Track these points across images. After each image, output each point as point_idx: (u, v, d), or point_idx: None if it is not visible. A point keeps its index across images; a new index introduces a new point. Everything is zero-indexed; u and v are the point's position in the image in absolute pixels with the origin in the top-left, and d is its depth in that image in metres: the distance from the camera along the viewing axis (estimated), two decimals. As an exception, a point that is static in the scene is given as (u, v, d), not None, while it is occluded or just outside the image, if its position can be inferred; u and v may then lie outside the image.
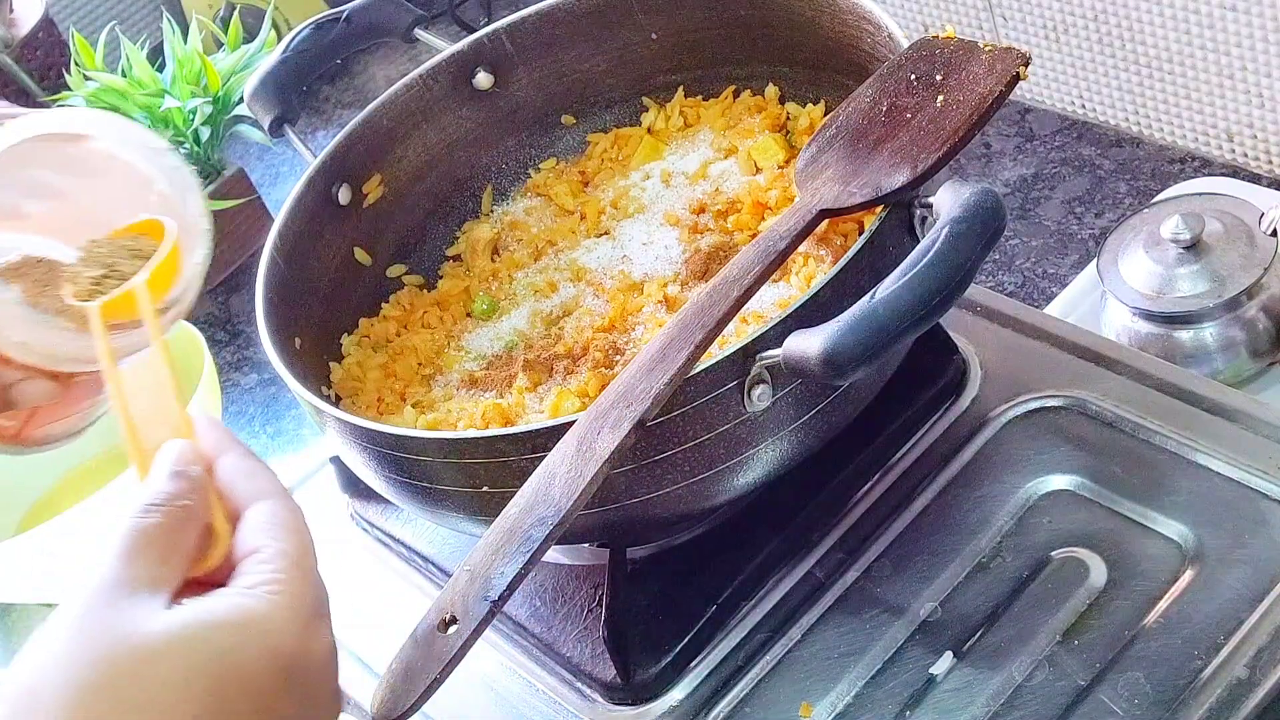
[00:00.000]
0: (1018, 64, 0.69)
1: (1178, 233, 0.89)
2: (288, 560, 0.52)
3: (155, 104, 1.38)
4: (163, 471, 0.55)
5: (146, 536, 0.52)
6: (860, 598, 0.74)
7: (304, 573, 0.53)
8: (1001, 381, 0.82)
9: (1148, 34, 1.08)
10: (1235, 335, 0.89)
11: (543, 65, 0.96)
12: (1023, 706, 0.67)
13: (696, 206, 0.86)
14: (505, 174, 0.98)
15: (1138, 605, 0.69)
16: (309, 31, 0.97)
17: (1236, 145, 1.08)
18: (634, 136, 0.95)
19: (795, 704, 0.71)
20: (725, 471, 0.69)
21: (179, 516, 0.53)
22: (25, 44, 1.56)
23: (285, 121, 0.95)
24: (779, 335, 0.63)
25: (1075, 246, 1.08)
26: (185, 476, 0.55)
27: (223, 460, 0.57)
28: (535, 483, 0.61)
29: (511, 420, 0.77)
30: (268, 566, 0.52)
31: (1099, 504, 0.74)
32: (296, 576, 0.52)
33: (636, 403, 0.62)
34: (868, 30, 0.80)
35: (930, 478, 0.79)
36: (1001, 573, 0.73)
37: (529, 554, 0.58)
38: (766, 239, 0.69)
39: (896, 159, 0.70)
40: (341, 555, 0.91)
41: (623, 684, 0.74)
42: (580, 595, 0.79)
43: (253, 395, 1.33)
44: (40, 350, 0.60)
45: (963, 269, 0.59)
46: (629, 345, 0.79)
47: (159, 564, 0.52)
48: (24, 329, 0.59)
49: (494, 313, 0.87)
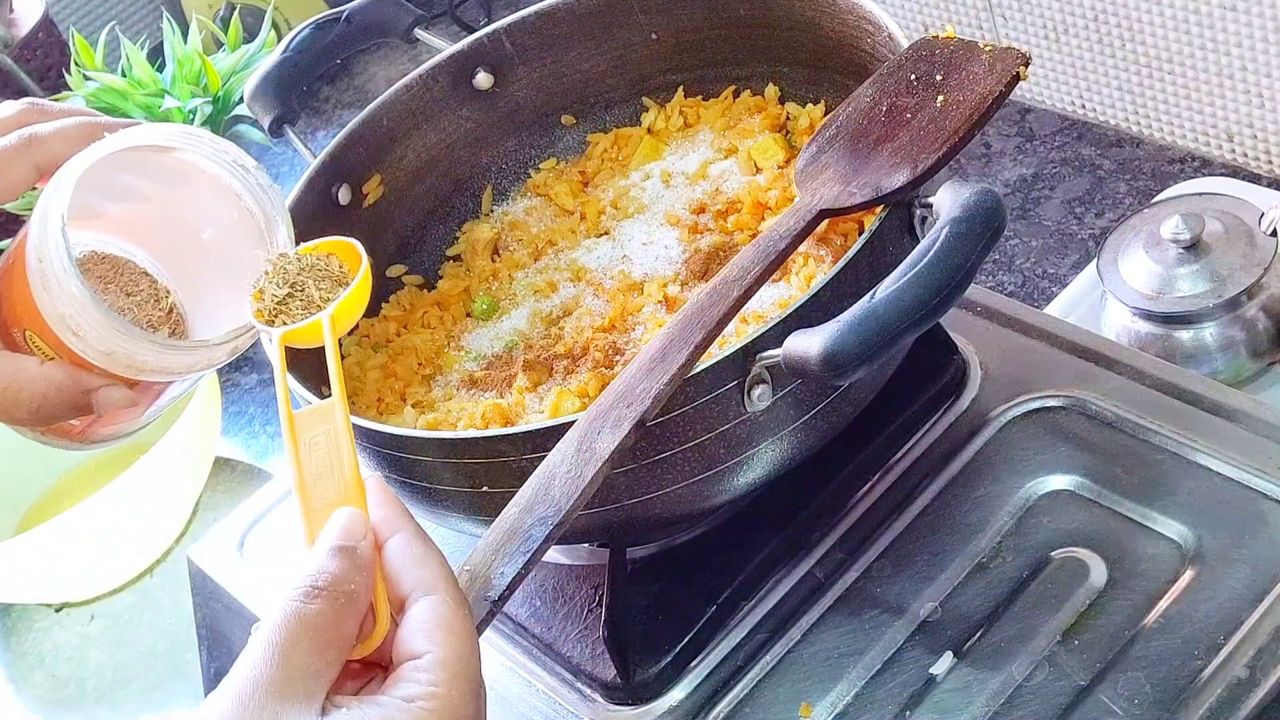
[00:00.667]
0: (1018, 64, 0.69)
1: (1178, 233, 0.89)
2: (447, 672, 0.51)
3: (155, 104, 1.38)
4: (329, 544, 0.53)
5: (306, 625, 0.50)
6: (860, 598, 0.74)
7: (462, 686, 0.51)
8: (1001, 381, 0.82)
9: (1148, 34, 1.08)
10: (1235, 335, 0.89)
11: (543, 65, 0.96)
12: (1023, 706, 0.67)
13: (696, 206, 0.86)
14: (505, 174, 0.98)
15: (1138, 605, 0.69)
16: (309, 31, 0.97)
17: (1236, 145, 1.08)
18: (634, 136, 0.95)
19: (795, 704, 0.71)
20: (725, 471, 0.69)
21: (341, 604, 0.51)
22: (25, 44, 1.56)
23: (285, 121, 0.95)
24: (779, 335, 0.63)
25: (1075, 246, 1.08)
26: (352, 556, 0.53)
27: (393, 542, 0.55)
28: (535, 483, 0.61)
29: (511, 420, 0.77)
30: (426, 676, 0.50)
31: (1099, 504, 0.74)
32: (454, 690, 0.51)
33: (636, 403, 0.62)
34: (868, 30, 0.80)
35: (930, 478, 0.79)
36: (1001, 573, 0.73)
37: (529, 554, 0.58)
38: (766, 239, 0.69)
39: (896, 159, 0.70)
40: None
41: (623, 684, 0.74)
42: (580, 595, 0.79)
43: (253, 395, 1.33)
44: (124, 360, 0.60)
45: (963, 269, 0.59)
46: (629, 345, 0.79)
47: (316, 656, 0.50)
48: (109, 338, 0.59)
49: (494, 313, 0.87)
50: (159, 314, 0.64)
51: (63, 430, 0.65)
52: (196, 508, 1.22)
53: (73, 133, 0.62)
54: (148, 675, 1.11)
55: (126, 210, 0.65)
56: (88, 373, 0.61)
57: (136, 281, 0.64)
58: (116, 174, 0.64)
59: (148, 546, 1.19)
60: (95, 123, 0.63)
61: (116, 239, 0.65)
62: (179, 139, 0.62)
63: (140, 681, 1.11)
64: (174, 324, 0.65)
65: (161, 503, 1.16)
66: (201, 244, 0.66)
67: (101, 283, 0.63)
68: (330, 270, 0.65)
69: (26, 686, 1.15)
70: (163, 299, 0.65)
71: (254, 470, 1.26)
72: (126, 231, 0.65)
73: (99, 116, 0.64)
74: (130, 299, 0.64)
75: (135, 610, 1.17)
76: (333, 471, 0.57)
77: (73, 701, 1.12)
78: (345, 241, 0.66)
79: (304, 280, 0.64)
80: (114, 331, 0.59)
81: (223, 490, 1.24)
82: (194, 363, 0.62)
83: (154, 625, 1.15)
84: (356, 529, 0.54)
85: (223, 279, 0.66)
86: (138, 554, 1.18)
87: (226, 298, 0.65)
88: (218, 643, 0.96)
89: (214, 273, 0.66)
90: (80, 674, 1.14)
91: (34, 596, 1.20)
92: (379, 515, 0.56)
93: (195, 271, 0.66)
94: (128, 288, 0.64)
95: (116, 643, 1.15)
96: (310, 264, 0.65)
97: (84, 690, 1.13)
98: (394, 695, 0.50)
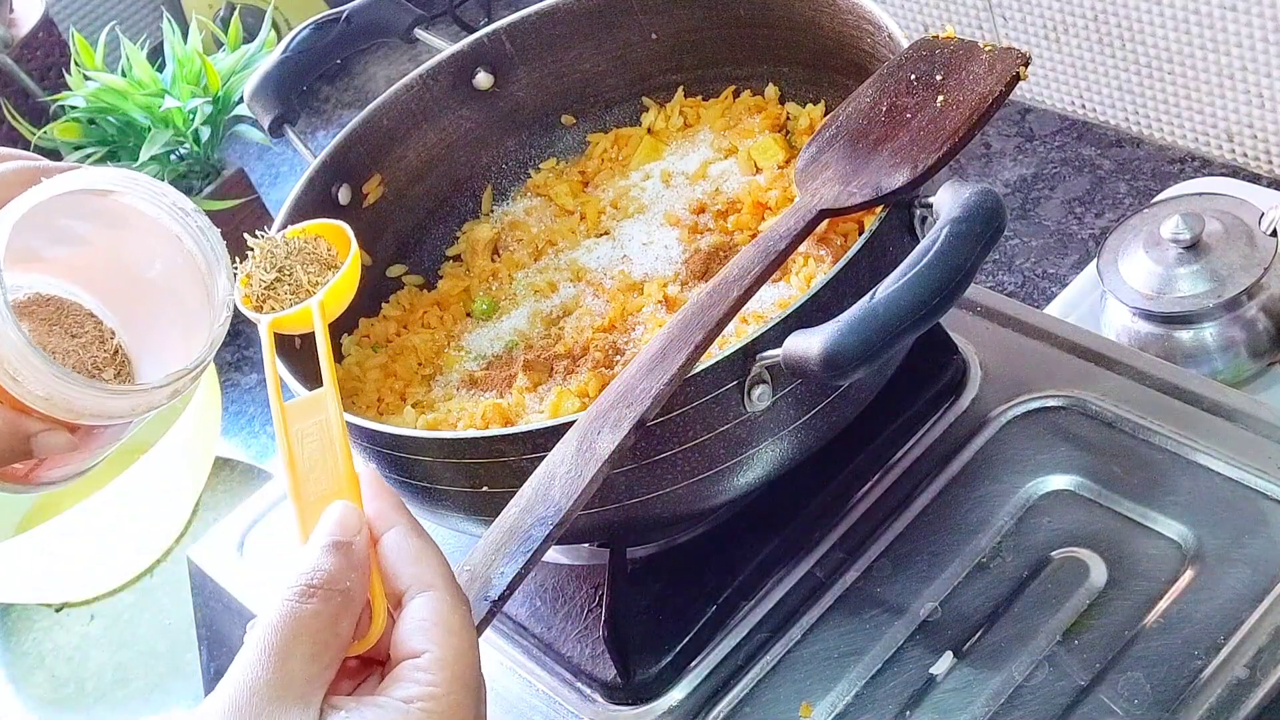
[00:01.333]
0: (1018, 64, 0.69)
1: (1178, 233, 0.89)
2: (447, 673, 0.50)
3: (155, 104, 1.38)
4: (323, 540, 0.52)
5: (302, 626, 0.49)
6: (860, 598, 0.74)
7: (462, 686, 0.50)
8: (1001, 381, 0.82)
9: (1148, 34, 1.08)
10: (1235, 335, 0.89)
11: (543, 65, 0.96)
12: (1023, 706, 0.67)
13: (696, 206, 0.86)
14: (505, 174, 0.98)
15: (1138, 605, 0.69)
16: (309, 31, 0.97)
17: (1236, 145, 1.08)
18: (634, 136, 0.95)
19: (795, 704, 0.71)
20: (725, 471, 0.69)
21: (337, 603, 0.51)
22: (25, 44, 1.56)
23: (285, 121, 0.95)
24: (779, 335, 0.63)
25: (1075, 246, 1.08)
26: (347, 552, 0.52)
27: (389, 536, 0.54)
28: (535, 483, 0.61)
29: (511, 420, 0.77)
30: (425, 676, 0.50)
31: (1099, 504, 0.74)
32: (454, 691, 0.50)
33: (636, 403, 0.62)
34: (868, 30, 0.80)
35: (930, 478, 0.79)
36: (1001, 573, 0.73)
37: (529, 554, 0.58)
38: (766, 239, 0.69)
39: (896, 159, 0.70)
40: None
41: (623, 684, 0.74)
42: (580, 595, 0.79)
43: (253, 395, 1.33)
44: (63, 405, 0.60)
45: (963, 269, 0.59)
46: (629, 345, 0.79)
47: (312, 660, 0.49)
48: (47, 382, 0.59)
49: (494, 313, 0.87)
50: (104, 355, 0.64)
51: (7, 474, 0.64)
52: (196, 508, 1.22)
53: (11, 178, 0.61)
54: (148, 675, 1.11)
55: (70, 253, 0.64)
56: (27, 417, 0.60)
57: (81, 323, 0.64)
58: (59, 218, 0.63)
59: (148, 546, 1.19)
60: (34, 167, 0.62)
61: (61, 281, 0.64)
62: (117, 183, 0.62)
63: (140, 681, 1.11)
64: (119, 365, 0.64)
65: (161, 503, 1.16)
66: (145, 285, 0.65)
67: (46, 324, 0.62)
68: (318, 253, 0.64)
69: (26, 686, 1.15)
70: (108, 340, 0.64)
71: (254, 470, 1.26)
72: (71, 274, 0.64)
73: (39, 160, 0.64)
74: (75, 340, 0.63)
75: (135, 610, 1.17)
76: (326, 464, 0.55)
77: (73, 701, 1.12)
78: (333, 224, 0.65)
79: (292, 264, 0.63)
80: (51, 376, 0.58)
81: (223, 490, 1.24)
82: (134, 406, 0.61)
83: (154, 625, 1.15)
84: (351, 523, 0.53)
85: (168, 319, 0.65)
86: (138, 554, 1.18)
87: (172, 338, 0.64)
88: (218, 643, 0.96)
89: (158, 314, 0.65)
90: (80, 674, 1.14)
91: (34, 596, 1.20)
92: (374, 509, 0.55)
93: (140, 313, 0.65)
94: (72, 329, 0.63)
95: (116, 643, 1.15)
96: (298, 247, 0.64)
97: (84, 690, 1.13)
98: (392, 696, 0.49)
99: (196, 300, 0.63)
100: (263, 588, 0.91)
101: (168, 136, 1.37)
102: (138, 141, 1.38)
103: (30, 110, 1.54)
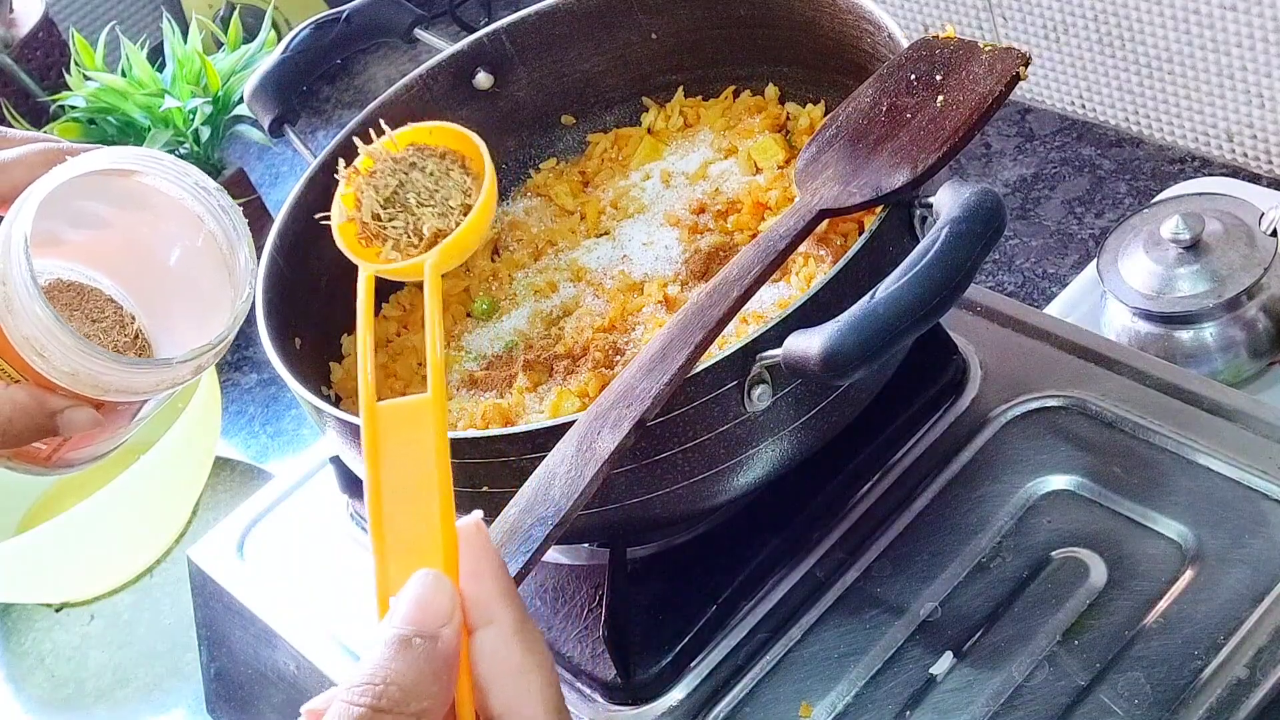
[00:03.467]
0: (1018, 64, 0.69)
1: (1178, 233, 0.89)
2: None
3: (155, 104, 1.38)
4: (398, 630, 0.41)
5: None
6: (860, 598, 0.74)
7: None
8: (1001, 381, 0.82)
9: (1148, 34, 1.08)
10: (1235, 335, 0.89)
11: (543, 65, 0.96)
12: (1023, 706, 0.67)
13: (696, 207, 0.86)
14: (505, 174, 0.98)
15: (1138, 605, 0.69)
16: (309, 31, 0.97)
17: (1236, 145, 1.08)
18: (634, 136, 0.95)
19: (795, 704, 0.71)
20: (725, 471, 0.69)
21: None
22: (25, 44, 1.56)
23: (285, 121, 0.95)
24: (779, 335, 0.63)
25: (1075, 246, 1.08)
26: (429, 655, 0.40)
27: (486, 634, 0.42)
28: (535, 483, 0.61)
29: (511, 420, 0.77)
30: None
31: (1099, 504, 0.74)
32: None
33: (636, 403, 0.62)
34: (868, 30, 0.80)
35: (930, 478, 0.79)
36: (1001, 573, 0.73)
37: (529, 554, 0.58)
38: (766, 239, 0.69)
39: (896, 159, 0.70)
40: (341, 555, 0.91)
41: (623, 684, 0.74)
42: (580, 595, 0.79)
43: (253, 395, 1.33)
44: (88, 380, 0.60)
45: (963, 269, 0.59)
46: (629, 345, 0.79)
47: None
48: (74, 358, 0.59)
49: (494, 313, 0.87)
50: (124, 339, 0.64)
51: (30, 455, 0.65)
52: (196, 508, 1.22)
53: (34, 159, 0.61)
54: (148, 675, 1.11)
55: (90, 237, 0.65)
56: (52, 394, 0.60)
57: (102, 308, 0.64)
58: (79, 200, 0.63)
59: (148, 546, 1.19)
60: (56, 148, 0.62)
61: (81, 266, 0.64)
62: (139, 162, 0.62)
63: (140, 681, 1.11)
64: (140, 349, 0.65)
65: (161, 503, 1.16)
66: (165, 267, 0.66)
67: (67, 310, 0.63)
68: (451, 177, 0.49)
69: (26, 686, 1.15)
70: (128, 325, 0.64)
71: (254, 470, 1.26)
72: (90, 258, 0.65)
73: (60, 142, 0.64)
74: (96, 325, 0.63)
75: (135, 610, 1.17)
76: (417, 501, 0.43)
77: (73, 701, 1.12)
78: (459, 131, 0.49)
79: (412, 187, 0.49)
80: (78, 352, 0.59)
81: (223, 490, 1.24)
82: (158, 381, 0.62)
83: (154, 625, 1.15)
84: (439, 609, 0.41)
85: (186, 302, 0.65)
86: (138, 554, 1.18)
87: (191, 320, 0.64)
88: (218, 643, 0.96)
89: (178, 296, 0.66)
90: (80, 674, 1.14)
91: (34, 596, 1.20)
92: (474, 591, 0.42)
93: (159, 295, 0.66)
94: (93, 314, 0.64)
95: (116, 643, 1.15)
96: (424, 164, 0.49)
97: (84, 690, 1.13)
98: None
99: (215, 284, 0.64)
100: (263, 587, 0.91)
101: (168, 136, 1.37)
102: (138, 141, 1.38)
103: (30, 110, 1.54)
